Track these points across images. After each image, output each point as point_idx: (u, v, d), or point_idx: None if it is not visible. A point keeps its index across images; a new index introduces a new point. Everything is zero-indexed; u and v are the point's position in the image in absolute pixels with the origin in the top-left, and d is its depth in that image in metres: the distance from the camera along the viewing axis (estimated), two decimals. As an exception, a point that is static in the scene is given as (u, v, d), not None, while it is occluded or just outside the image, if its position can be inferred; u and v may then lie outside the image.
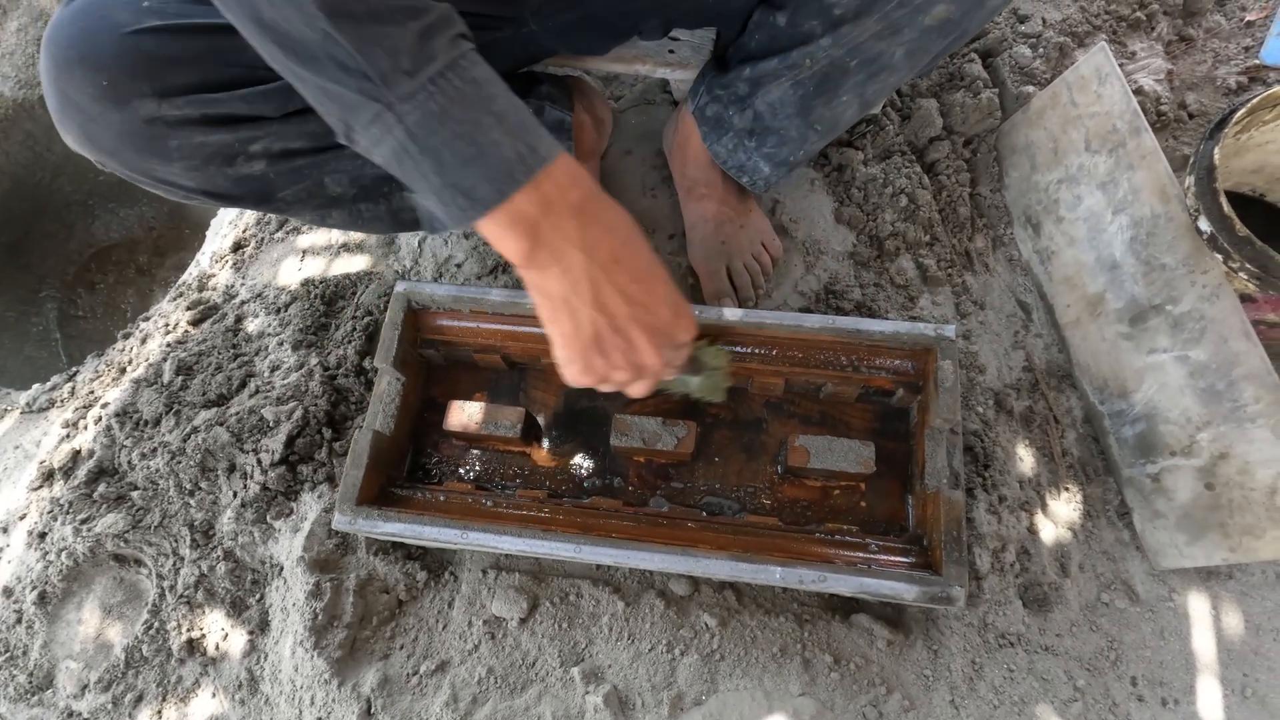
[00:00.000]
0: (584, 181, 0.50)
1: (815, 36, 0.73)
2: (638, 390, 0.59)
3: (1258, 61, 1.11)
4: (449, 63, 0.45)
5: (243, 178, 0.65)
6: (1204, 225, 0.79)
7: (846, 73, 0.77)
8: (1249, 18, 1.16)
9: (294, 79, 0.47)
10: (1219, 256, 0.79)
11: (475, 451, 0.91)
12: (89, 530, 0.93)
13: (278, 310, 1.07)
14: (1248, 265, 0.76)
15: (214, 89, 0.59)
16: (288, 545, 0.89)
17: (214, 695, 0.87)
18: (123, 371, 1.09)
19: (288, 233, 1.17)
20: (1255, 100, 0.79)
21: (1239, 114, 0.79)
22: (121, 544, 0.92)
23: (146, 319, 1.15)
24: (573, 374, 0.56)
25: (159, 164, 0.62)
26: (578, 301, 0.51)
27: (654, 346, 0.54)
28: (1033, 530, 0.91)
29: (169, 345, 1.06)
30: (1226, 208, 0.76)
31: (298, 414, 0.92)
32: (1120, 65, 0.92)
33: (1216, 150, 0.77)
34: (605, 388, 0.58)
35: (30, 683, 0.90)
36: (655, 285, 0.53)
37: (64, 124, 0.61)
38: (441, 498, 0.86)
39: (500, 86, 0.48)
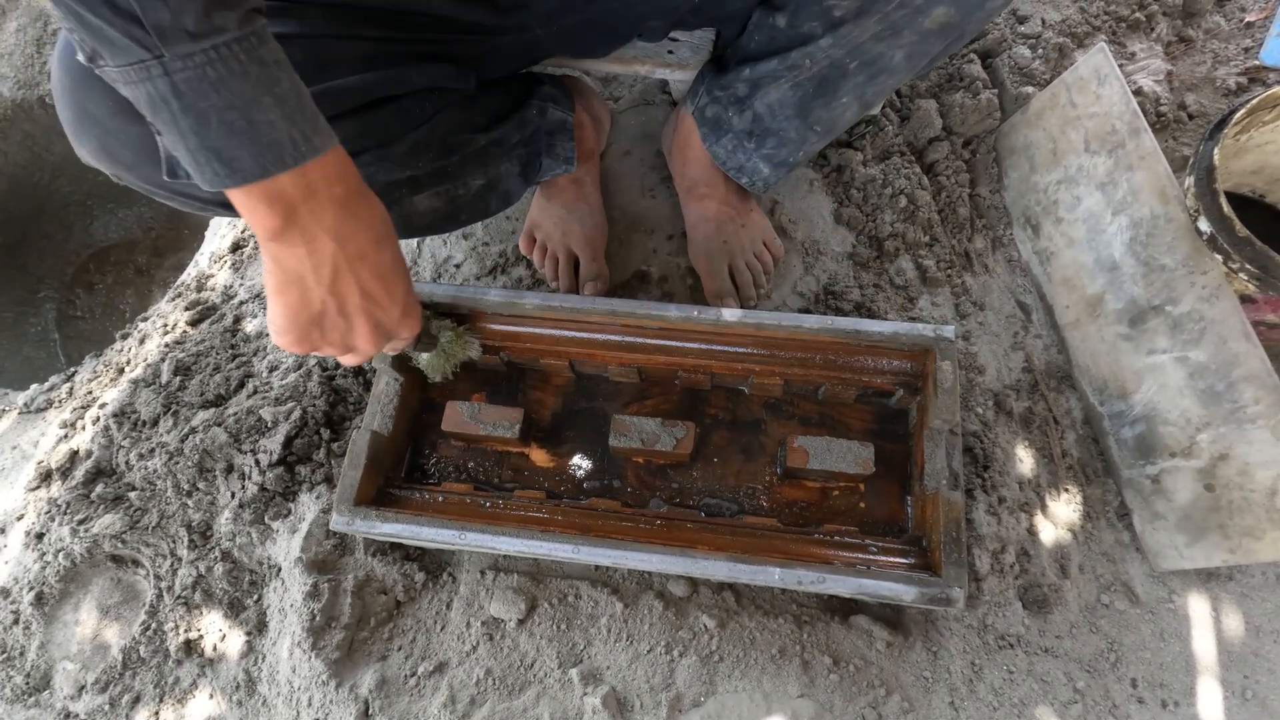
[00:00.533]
0: (351, 177, 0.52)
1: (815, 37, 0.73)
2: (346, 362, 0.64)
3: (1257, 62, 1.11)
4: (239, 37, 0.44)
5: None
6: (1204, 226, 0.78)
7: (846, 74, 0.76)
8: (1248, 19, 1.16)
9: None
10: (1219, 257, 0.79)
11: (473, 452, 0.91)
12: (86, 531, 0.92)
13: (276, 310, 1.07)
14: (1248, 266, 0.76)
15: None
16: (285, 546, 0.89)
17: (211, 696, 0.86)
18: (121, 372, 1.09)
19: (286, 233, 1.17)
20: (1255, 101, 0.78)
21: (1239, 114, 0.79)
22: (119, 545, 0.92)
23: (145, 319, 1.15)
24: (285, 342, 0.58)
25: (179, 177, 0.62)
26: (313, 282, 0.54)
27: (373, 336, 0.59)
28: (1032, 531, 0.91)
29: (167, 345, 1.06)
30: (1226, 208, 0.76)
31: (296, 414, 0.92)
32: (1120, 66, 0.92)
33: (1216, 151, 0.77)
34: (326, 355, 0.63)
35: (27, 684, 0.90)
36: (393, 285, 0.58)
37: (80, 138, 0.60)
38: (440, 498, 0.85)
39: (287, 71, 0.48)
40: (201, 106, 0.45)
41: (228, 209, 0.68)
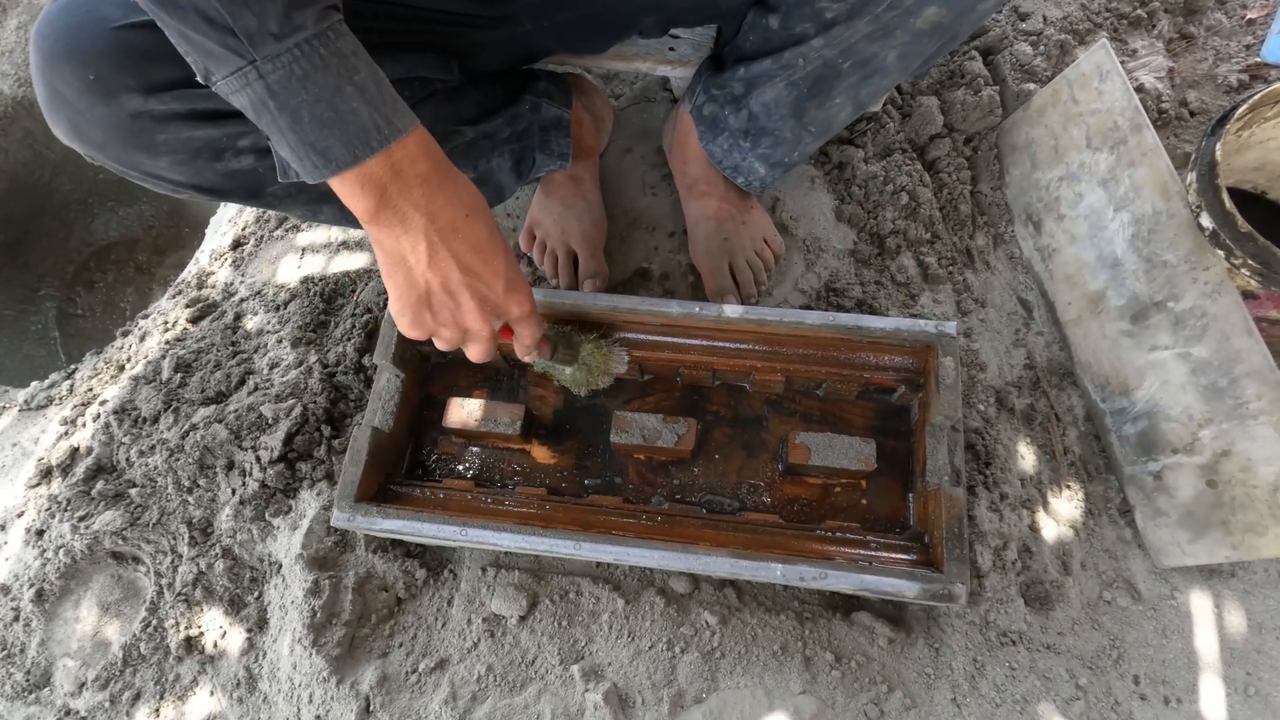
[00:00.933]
0: (435, 154, 0.54)
1: (808, 38, 0.73)
2: (472, 353, 0.64)
3: (1259, 59, 1.11)
4: (317, 33, 0.47)
5: (231, 172, 0.66)
6: (1206, 222, 0.78)
7: (840, 74, 0.76)
8: (1250, 15, 1.16)
9: (153, 16, 0.48)
10: (1221, 253, 0.79)
11: (475, 449, 0.91)
12: (87, 528, 0.92)
13: (277, 308, 1.06)
14: (1250, 262, 0.76)
15: (201, 84, 0.59)
16: (286, 543, 0.89)
17: (212, 693, 0.86)
18: (121, 369, 1.09)
19: (287, 230, 1.17)
20: (1257, 97, 0.78)
21: (1241, 110, 0.78)
22: (119, 541, 0.92)
23: (145, 316, 1.15)
24: (403, 325, 0.60)
25: (147, 158, 0.62)
26: (414, 260, 0.56)
27: (480, 313, 0.59)
28: (1034, 528, 0.90)
29: (168, 343, 1.06)
30: (1229, 204, 0.75)
31: (296, 411, 0.92)
32: (1121, 63, 0.92)
33: (1218, 147, 0.77)
34: (440, 345, 0.63)
35: (28, 681, 0.89)
36: (491, 258, 0.58)
37: (53, 117, 0.61)
38: (441, 495, 0.85)
39: (365, 60, 0.50)
40: (293, 104, 0.48)
41: (201, 191, 0.68)
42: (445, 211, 0.55)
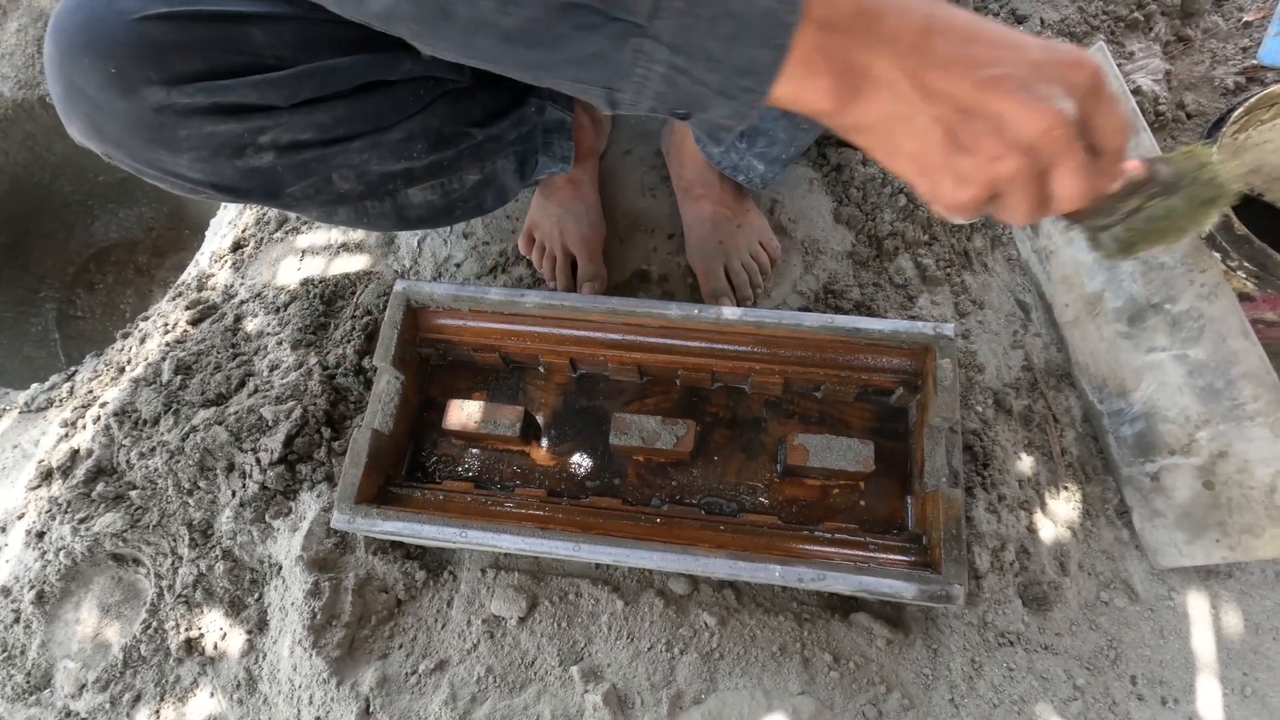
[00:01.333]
0: None
1: None
2: (1076, 186, 0.41)
3: (1255, 62, 1.12)
4: None
5: (251, 170, 0.65)
6: (1202, 224, 0.79)
7: None
8: (1246, 18, 1.16)
9: (544, 73, 0.44)
10: (1217, 255, 0.79)
11: (474, 450, 0.91)
12: (87, 529, 0.92)
13: (277, 310, 1.07)
14: (1246, 264, 0.76)
15: (223, 76, 0.57)
16: (286, 544, 0.89)
17: (212, 695, 0.86)
18: (121, 371, 1.09)
19: (287, 232, 1.17)
20: (1253, 99, 0.79)
21: (1237, 113, 0.79)
22: (120, 543, 0.92)
23: (145, 318, 1.15)
24: (952, 200, 0.42)
25: (167, 155, 0.61)
26: (905, 108, 0.40)
27: (1030, 106, 0.38)
28: (1032, 529, 0.91)
29: (168, 345, 1.06)
30: (1224, 206, 0.76)
31: (296, 413, 0.92)
32: (1118, 65, 0.92)
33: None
34: (1014, 217, 0.42)
35: (28, 682, 0.90)
36: (992, 35, 0.39)
37: (70, 114, 0.59)
38: (441, 496, 0.85)
39: None
40: (696, 41, 0.40)
41: (220, 190, 0.66)
42: (905, 25, 0.39)
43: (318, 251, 1.14)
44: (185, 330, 1.08)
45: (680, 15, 0.39)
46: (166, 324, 1.11)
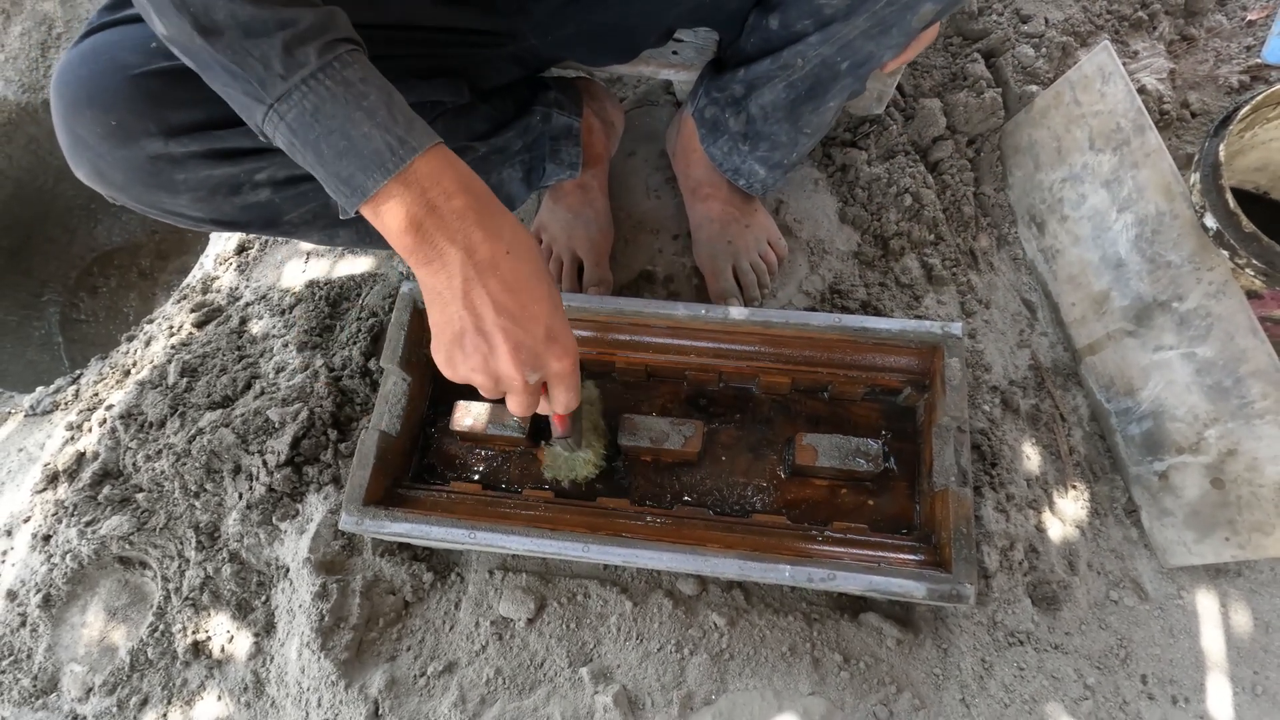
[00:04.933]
0: (472, 187, 0.53)
1: (806, 34, 0.74)
2: (510, 406, 0.60)
3: (1259, 60, 1.12)
4: (321, 65, 0.48)
5: (249, 205, 0.67)
6: (1209, 222, 0.79)
7: (837, 76, 0.77)
8: (1250, 17, 1.16)
9: (203, 77, 0.52)
10: (1225, 253, 0.79)
11: (482, 451, 0.91)
12: (94, 533, 0.92)
13: (282, 312, 1.07)
14: (1254, 261, 0.76)
15: (219, 126, 0.60)
16: (293, 547, 0.89)
17: (219, 698, 0.86)
18: (127, 374, 1.09)
19: (292, 235, 1.17)
20: (1260, 97, 0.79)
21: (1244, 110, 0.79)
22: (126, 546, 0.92)
23: (150, 321, 1.15)
24: (439, 364, 0.58)
25: (167, 197, 0.64)
26: (449, 297, 0.53)
27: (514, 359, 0.55)
28: (1041, 528, 0.91)
29: (173, 347, 1.06)
30: (1232, 204, 0.76)
31: (303, 415, 0.92)
32: (1123, 64, 0.93)
33: (1222, 147, 0.77)
34: (486, 392, 0.59)
35: (35, 686, 0.89)
36: (531, 302, 0.54)
37: (76, 162, 0.62)
38: (448, 498, 0.85)
39: (376, 84, 0.50)
40: (313, 138, 0.49)
41: (220, 225, 0.69)
42: (483, 247, 0.52)
43: (322, 254, 1.14)
44: (190, 333, 1.08)
45: (305, 113, 0.49)
46: (171, 327, 1.11)
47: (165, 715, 0.86)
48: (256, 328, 1.07)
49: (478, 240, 0.52)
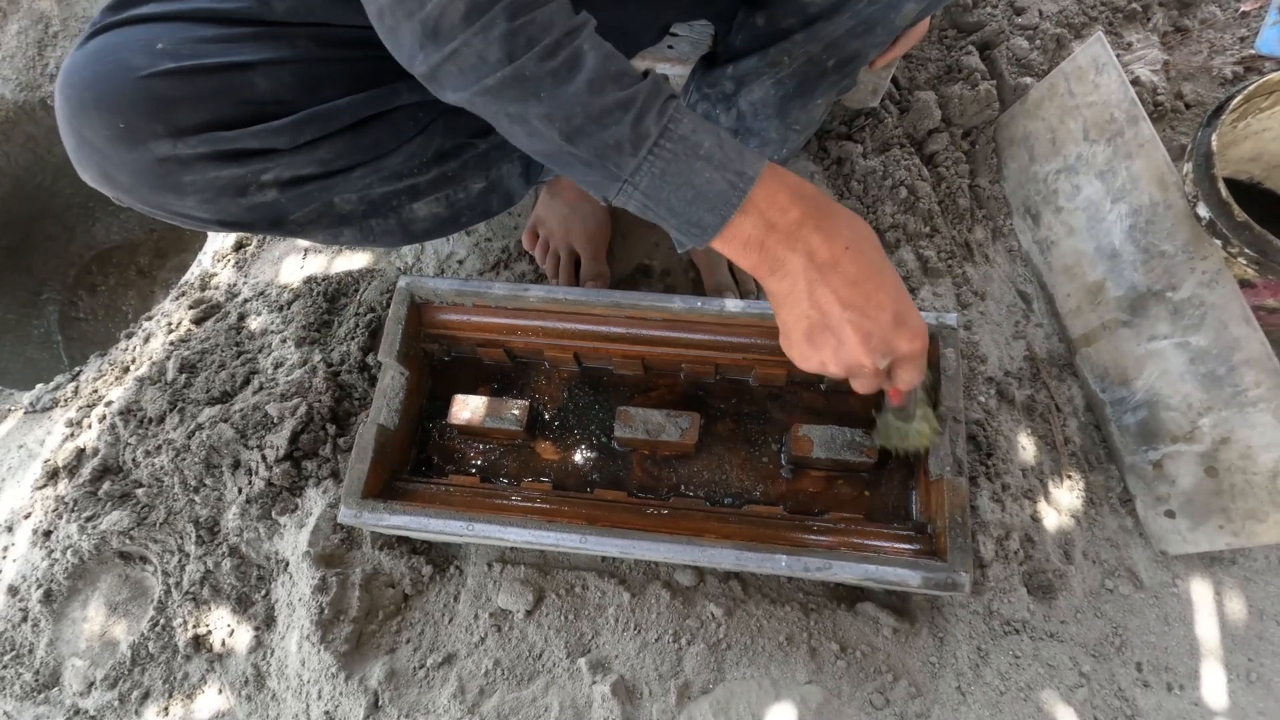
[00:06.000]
0: (805, 195, 0.56)
1: (792, 32, 0.74)
2: (858, 387, 0.64)
3: (1253, 51, 1.12)
4: (660, 133, 0.53)
5: (255, 206, 0.67)
6: (1203, 211, 0.79)
7: (824, 73, 0.78)
8: (1244, 8, 1.16)
9: (555, 167, 0.58)
10: (1218, 242, 0.79)
11: (480, 445, 0.91)
12: (94, 528, 0.93)
13: (280, 308, 1.07)
14: (1246, 250, 0.77)
15: (226, 126, 0.60)
16: (293, 541, 0.89)
17: (220, 691, 0.87)
18: (126, 370, 1.09)
19: (289, 231, 1.17)
20: (1252, 88, 0.79)
21: (1236, 100, 0.79)
22: (127, 541, 0.92)
23: (149, 318, 1.15)
24: (793, 357, 0.62)
25: (174, 199, 0.64)
26: (796, 299, 0.58)
27: (863, 348, 0.58)
28: (1036, 518, 0.91)
29: (172, 344, 1.07)
30: (1225, 193, 0.76)
31: (302, 410, 0.93)
32: (1116, 56, 0.93)
33: (1214, 137, 0.78)
34: (838, 377, 0.63)
35: (36, 681, 0.90)
36: (875, 291, 0.57)
37: (82, 164, 0.62)
38: (447, 491, 0.86)
39: (706, 131, 0.55)
40: (665, 196, 0.54)
41: (226, 226, 0.69)
42: (823, 249, 0.56)
43: (320, 250, 1.14)
44: (189, 329, 1.09)
45: (655, 178, 0.54)
46: (170, 323, 1.11)
47: (167, 709, 0.87)
48: (255, 324, 1.07)
49: (817, 244, 0.56)
